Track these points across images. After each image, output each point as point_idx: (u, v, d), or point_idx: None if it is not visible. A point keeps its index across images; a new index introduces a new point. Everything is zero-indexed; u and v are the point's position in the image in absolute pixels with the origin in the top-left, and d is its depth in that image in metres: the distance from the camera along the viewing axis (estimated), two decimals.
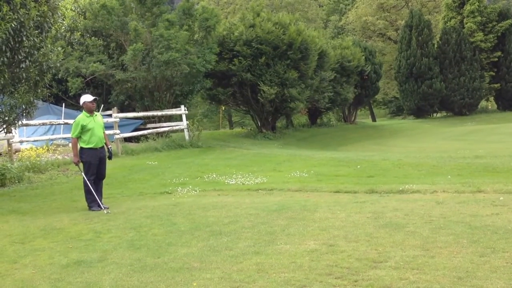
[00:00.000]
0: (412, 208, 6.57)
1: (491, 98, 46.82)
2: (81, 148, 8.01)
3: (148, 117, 19.70)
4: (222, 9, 46.68)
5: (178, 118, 19.96)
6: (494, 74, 42.80)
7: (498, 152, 14.91)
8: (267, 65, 22.76)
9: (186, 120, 19.08)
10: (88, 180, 7.93)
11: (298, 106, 23.95)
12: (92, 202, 7.89)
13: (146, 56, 19.14)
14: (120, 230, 6.26)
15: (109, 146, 8.34)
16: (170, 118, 20.81)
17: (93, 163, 8.03)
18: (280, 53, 22.78)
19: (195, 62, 19.44)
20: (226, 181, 10.59)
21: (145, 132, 18.76)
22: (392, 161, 12.64)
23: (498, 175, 9.74)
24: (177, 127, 19.29)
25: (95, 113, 8.19)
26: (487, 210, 6.20)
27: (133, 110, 20.40)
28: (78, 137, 7.98)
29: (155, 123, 20.05)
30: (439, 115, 44.01)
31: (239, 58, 22.37)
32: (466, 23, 42.12)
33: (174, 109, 19.87)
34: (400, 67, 40.47)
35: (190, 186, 9.80)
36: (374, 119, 49.03)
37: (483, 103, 46.52)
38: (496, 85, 42.64)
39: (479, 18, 41.91)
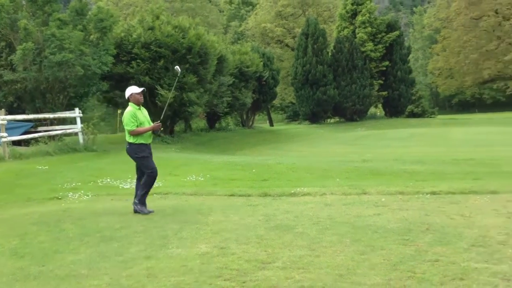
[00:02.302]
0: (302, 210, 6.82)
1: (380, 105, 49.75)
2: (132, 144, 7.21)
3: (39, 120, 18.76)
4: (121, 11, 45.57)
5: (73, 121, 19.20)
6: (382, 82, 45.57)
7: (384, 157, 15.91)
8: (165, 68, 22.53)
9: (81, 123, 18.40)
10: (151, 175, 7.29)
11: (197, 110, 23.97)
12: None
13: (37, 56, 18.23)
14: (3, 237, 5.93)
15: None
16: (63, 121, 19.96)
17: (149, 157, 7.32)
18: (179, 57, 22.64)
19: (91, 63, 18.81)
20: (120, 185, 10.38)
21: (35, 135, 17.84)
22: (286, 165, 13.03)
23: (382, 177, 10.39)
24: (70, 131, 18.53)
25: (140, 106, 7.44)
26: (370, 211, 6.58)
27: (23, 112, 19.32)
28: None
29: (47, 126, 19.13)
30: (332, 120, 45.87)
31: (137, 60, 21.96)
32: (358, 33, 44.48)
33: (67, 112, 19.07)
34: (297, 73, 41.71)
35: (82, 191, 9.49)
36: (271, 124, 50.20)
37: (372, 109, 49.30)
38: (384, 93, 45.42)
39: (369, 29, 44.43)
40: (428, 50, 68.15)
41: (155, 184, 10.29)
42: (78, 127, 18.22)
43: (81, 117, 18.63)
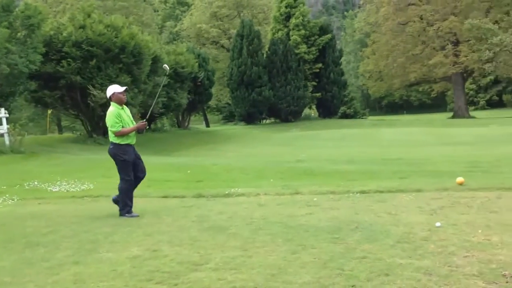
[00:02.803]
0: (236, 211, 6.85)
1: (314, 106, 50.75)
2: (116, 144, 6.89)
3: None
4: (50, 8, 43.97)
5: None
6: (316, 84, 46.52)
7: (317, 157, 16.25)
8: (98, 68, 22.01)
9: (7, 124, 17.62)
10: (126, 184, 6.96)
11: (131, 111, 23.52)
12: (130, 208, 6.99)
13: None
14: None
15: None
16: None
17: (130, 162, 6.99)
18: (112, 56, 22.19)
19: (17, 62, 18.07)
20: (49, 188, 10.04)
21: None
22: (222, 165, 13.06)
23: (315, 177, 10.62)
24: None
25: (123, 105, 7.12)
26: (302, 211, 6.70)
27: None
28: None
29: None
30: (267, 121, 46.28)
31: (68, 59, 21.34)
32: (292, 35, 45.17)
33: None
34: (232, 74, 41.82)
35: (7, 195, 9.09)
36: (207, 125, 50.06)
37: (306, 110, 50.19)
38: (317, 94, 46.40)
39: (303, 31, 45.24)
40: (359, 53, 70.23)
41: (87, 186, 10.07)
42: (3, 128, 17.45)
43: (7, 118, 17.84)
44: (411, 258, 4.32)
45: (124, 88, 7.16)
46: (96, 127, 24.31)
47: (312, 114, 51.97)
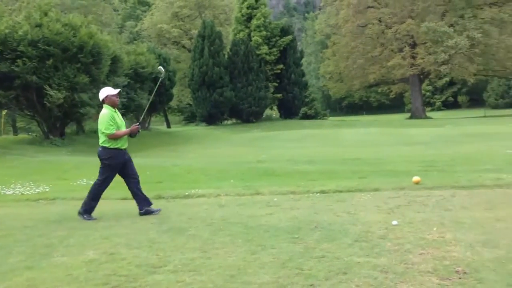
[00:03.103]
0: (196, 212, 6.81)
1: (275, 107, 51.03)
2: (105, 148, 6.68)
3: None
4: (6, 6, 42.73)
5: None
6: (277, 84, 46.82)
7: (278, 157, 16.31)
8: (55, 67, 21.54)
9: None
10: (101, 186, 6.77)
11: (90, 111, 23.13)
12: (92, 209, 6.82)
13: None
14: None
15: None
16: None
17: (114, 169, 6.79)
18: (70, 56, 21.75)
19: None
20: (2, 191, 9.75)
21: None
22: (182, 166, 12.97)
23: (276, 178, 10.66)
24: None
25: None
26: (262, 211, 6.71)
27: None
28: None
29: None
30: (229, 122, 46.26)
31: (24, 59, 20.77)
32: (253, 36, 45.30)
33: None
34: (194, 75, 41.62)
35: None
36: (168, 126, 49.64)
37: (267, 111, 50.41)
38: (278, 95, 46.69)
39: (264, 32, 45.45)
40: (320, 54, 71.02)
41: (42, 189, 9.81)
42: None
43: None
44: (368, 257, 4.37)
45: (117, 90, 7.07)
46: (52, 128, 23.76)
47: (273, 115, 52.23)
